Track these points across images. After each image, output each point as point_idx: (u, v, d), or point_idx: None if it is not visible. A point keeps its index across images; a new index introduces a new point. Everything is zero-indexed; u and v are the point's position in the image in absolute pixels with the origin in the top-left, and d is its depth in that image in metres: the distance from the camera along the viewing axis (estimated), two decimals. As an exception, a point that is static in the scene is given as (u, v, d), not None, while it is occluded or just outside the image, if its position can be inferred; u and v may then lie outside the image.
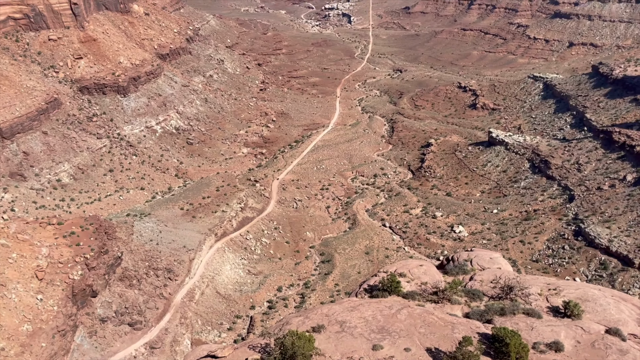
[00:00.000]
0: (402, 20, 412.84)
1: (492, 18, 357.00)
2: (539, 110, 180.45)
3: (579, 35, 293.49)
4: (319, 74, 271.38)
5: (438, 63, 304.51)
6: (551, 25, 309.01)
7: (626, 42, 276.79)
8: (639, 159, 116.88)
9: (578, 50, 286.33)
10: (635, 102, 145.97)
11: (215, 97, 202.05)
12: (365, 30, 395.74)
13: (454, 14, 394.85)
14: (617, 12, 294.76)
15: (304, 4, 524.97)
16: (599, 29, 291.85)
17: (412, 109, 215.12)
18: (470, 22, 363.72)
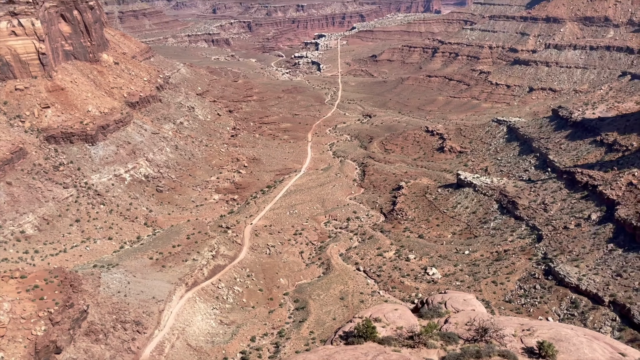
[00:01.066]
0: (369, 68, 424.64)
1: (455, 65, 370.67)
2: (504, 152, 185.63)
3: (538, 81, 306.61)
4: (290, 120, 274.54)
5: (406, 108, 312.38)
6: (511, 71, 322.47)
7: (583, 87, 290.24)
8: (601, 198, 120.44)
9: (538, 94, 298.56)
10: (595, 143, 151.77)
11: (185, 144, 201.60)
12: (335, 77, 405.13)
13: (419, 61, 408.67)
14: (572, 58, 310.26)
15: (274, 52, 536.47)
16: (557, 74, 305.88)
17: (382, 153, 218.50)
18: (435, 69, 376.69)
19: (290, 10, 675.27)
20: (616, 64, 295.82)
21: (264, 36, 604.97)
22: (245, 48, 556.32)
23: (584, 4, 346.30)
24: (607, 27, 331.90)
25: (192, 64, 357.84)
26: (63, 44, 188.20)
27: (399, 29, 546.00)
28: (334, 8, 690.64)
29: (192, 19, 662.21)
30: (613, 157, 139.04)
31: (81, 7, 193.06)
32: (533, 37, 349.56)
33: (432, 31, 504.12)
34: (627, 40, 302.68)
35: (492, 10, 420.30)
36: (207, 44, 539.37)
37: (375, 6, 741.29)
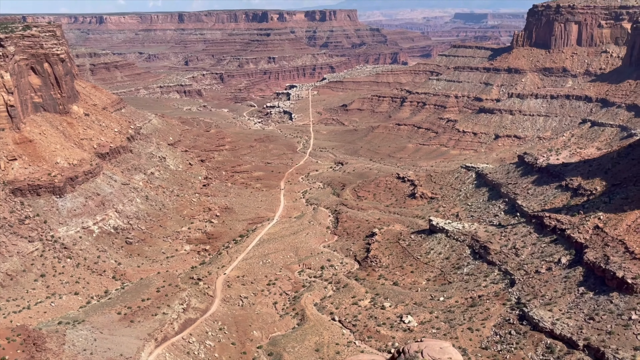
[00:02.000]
0: (340, 117, 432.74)
1: (423, 114, 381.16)
2: (474, 198, 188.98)
3: (503, 128, 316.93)
4: (262, 168, 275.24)
5: (377, 155, 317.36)
6: (477, 119, 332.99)
7: (546, 134, 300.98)
8: (570, 242, 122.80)
9: (504, 141, 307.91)
10: (561, 188, 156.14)
11: (156, 194, 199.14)
12: (306, 126, 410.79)
13: (388, 110, 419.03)
14: (535, 107, 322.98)
15: (246, 102, 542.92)
16: (521, 122, 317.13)
17: (355, 200, 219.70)
18: (404, 118, 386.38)
19: (261, 62, 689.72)
20: (576, 111, 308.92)
21: (236, 87, 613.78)
22: (218, 99, 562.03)
23: (543, 56, 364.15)
24: (565, 77, 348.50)
25: (164, 114, 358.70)
26: (32, 96, 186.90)
27: (368, 80, 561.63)
28: (304, 60, 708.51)
29: (165, 70, 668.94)
30: (578, 202, 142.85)
31: (52, 59, 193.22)
32: (496, 87, 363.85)
33: (400, 81, 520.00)
34: (585, 90, 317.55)
35: (456, 61, 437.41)
36: (179, 95, 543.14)
37: (345, 58, 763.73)
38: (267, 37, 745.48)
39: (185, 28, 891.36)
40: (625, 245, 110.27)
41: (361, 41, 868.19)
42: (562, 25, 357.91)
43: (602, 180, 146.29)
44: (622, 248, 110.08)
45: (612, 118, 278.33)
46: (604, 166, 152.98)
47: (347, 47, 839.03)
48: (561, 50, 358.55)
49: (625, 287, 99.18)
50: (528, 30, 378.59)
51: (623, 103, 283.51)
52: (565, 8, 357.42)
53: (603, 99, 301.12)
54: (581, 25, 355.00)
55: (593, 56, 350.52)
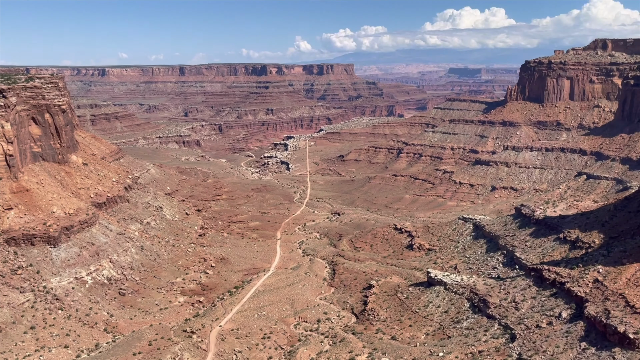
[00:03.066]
0: (337, 167, 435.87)
1: (420, 165, 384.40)
2: (472, 250, 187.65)
3: (499, 180, 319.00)
4: (259, 218, 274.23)
5: (373, 206, 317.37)
6: (474, 171, 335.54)
7: (542, 186, 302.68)
8: (570, 295, 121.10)
9: (500, 193, 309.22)
10: (559, 240, 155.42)
11: (152, 244, 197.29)
12: (303, 176, 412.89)
13: (385, 161, 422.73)
14: (530, 159, 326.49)
15: (244, 152, 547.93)
16: (517, 174, 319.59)
17: (352, 251, 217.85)
18: (400, 169, 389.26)
19: (260, 113, 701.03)
20: (571, 164, 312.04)
21: (235, 137, 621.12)
22: (216, 149, 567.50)
23: (537, 110, 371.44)
24: (559, 130, 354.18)
25: (162, 164, 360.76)
26: (32, 145, 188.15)
27: (365, 131, 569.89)
28: (302, 112, 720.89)
29: (164, 121, 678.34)
30: (577, 254, 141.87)
31: (53, 110, 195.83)
32: (492, 139, 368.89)
33: (396, 133, 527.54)
34: (579, 143, 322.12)
35: (451, 114, 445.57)
36: (177, 145, 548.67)
37: (342, 110, 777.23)
38: (266, 90, 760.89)
39: (186, 80, 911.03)
40: (625, 299, 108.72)
41: (358, 94, 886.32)
42: (554, 81, 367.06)
43: (599, 233, 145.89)
44: (622, 302, 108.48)
45: (607, 171, 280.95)
46: (601, 219, 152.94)
47: (344, 100, 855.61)
48: (554, 105, 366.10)
49: (627, 342, 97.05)
50: (521, 85, 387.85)
51: (617, 156, 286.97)
52: (556, 64, 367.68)
53: (597, 152, 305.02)
54: (573, 80, 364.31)
55: (586, 110, 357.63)
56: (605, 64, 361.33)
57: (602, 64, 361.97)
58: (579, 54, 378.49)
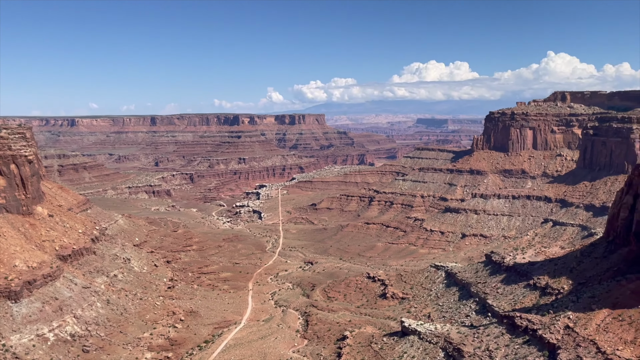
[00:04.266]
0: (310, 216, 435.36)
1: (391, 213, 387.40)
2: (445, 297, 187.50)
3: (469, 227, 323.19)
4: (230, 269, 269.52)
5: (346, 255, 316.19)
6: (444, 218, 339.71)
7: (511, 233, 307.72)
8: (542, 342, 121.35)
9: (471, 240, 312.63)
10: (529, 287, 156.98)
11: (118, 297, 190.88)
12: (276, 225, 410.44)
13: (357, 209, 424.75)
14: (498, 206, 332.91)
15: (216, 202, 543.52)
16: (486, 221, 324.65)
17: (325, 301, 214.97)
18: (372, 217, 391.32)
19: (232, 162, 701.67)
20: (537, 211, 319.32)
21: (206, 187, 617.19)
22: (187, 198, 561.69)
23: (502, 159, 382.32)
24: (525, 178, 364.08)
25: (131, 214, 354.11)
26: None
27: (337, 180, 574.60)
28: (274, 161, 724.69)
29: (134, 171, 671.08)
30: (547, 301, 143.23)
31: (19, 161, 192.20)
32: (460, 187, 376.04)
33: (367, 181, 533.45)
34: (544, 190, 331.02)
35: (420, 163, 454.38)
36: (147, 195, 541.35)
37: (314, 159, 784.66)
38: (238, 139, 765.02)
39: (157, 130, 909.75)
40: (596, 345, 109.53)
41: (329, 143, 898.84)
42: (517, 131, 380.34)
43: (568, 278, 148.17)
44: (594, 348, 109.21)
45: (572, 218, 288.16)
46: (569, 265, 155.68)
47: (316, 149, 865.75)
48: (519, 154, 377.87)
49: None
50: (487, 135, 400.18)
51: (581, 203, 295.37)
52: (519, 115, 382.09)
53: (562, 199, 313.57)
54: (535, 130, 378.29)
55: (549, 159, 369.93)
56: (565, 115, 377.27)
57: (562, 115, 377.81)
58: (540, 105, 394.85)
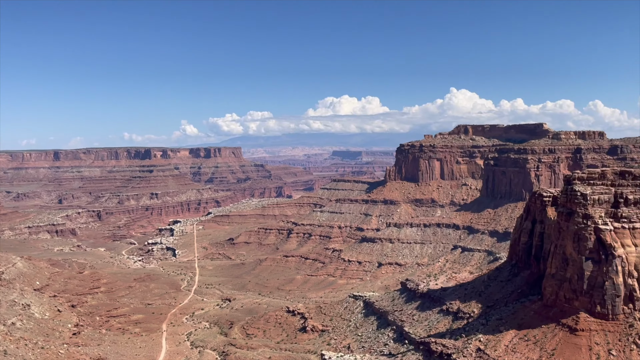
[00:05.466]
0: (227, 251, 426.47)
1: (310, 245, 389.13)
2: (364, 327, 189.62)
3: (385, 256, 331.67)
4: (142, 311, 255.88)
5: (265, 289, 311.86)
6: (361, 248, 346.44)
7: (423, 260, 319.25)
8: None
9: (387, 269, 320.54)
10: (442, 312, 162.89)
11: (17, 347, 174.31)
12: (191, 262, 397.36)
13: (275, 242, 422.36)
14: (411, 235, 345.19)
15: (125, 240, 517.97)
16: (400, 250, 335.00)
17: (244, 339, 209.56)
18: (291, 249, 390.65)
19: (143, 198, 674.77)
20: (447, 238, 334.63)
21: (115, 224, 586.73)
22: (94, 237, 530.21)
23: (413, 189, 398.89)
24: (434, 207, 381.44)
25: (30, 256, 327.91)
26: None
27: (255, 213, 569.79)
28: (189, 195, 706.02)
29: (35, 210, 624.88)
30: (460, 325, 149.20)
31: None
32: (375, 217, 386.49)
33: (285, 214, 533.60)
34: (452, 218, 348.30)
35: (337, 194, 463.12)
36: (50, 235, 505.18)
37: (230, 192, 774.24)
38: (150, 174, 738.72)
39: (61, 166, 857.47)
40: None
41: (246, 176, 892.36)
42: (426, 162, 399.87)
43: (477, 302, 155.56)
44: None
45: (479, 243, 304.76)
46: (478, 289, 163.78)
47: (233, 182, 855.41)
48: (428, 184, 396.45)
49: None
50: (398, 166, 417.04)
51: (486, 230, 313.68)
52: (427, 147, 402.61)
53: (469, 226, 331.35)
54: (442, 161, 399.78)
55: (455, 188, 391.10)
56: (469, 147, 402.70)
57: (465, 147, 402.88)
58: (446, 138, 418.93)
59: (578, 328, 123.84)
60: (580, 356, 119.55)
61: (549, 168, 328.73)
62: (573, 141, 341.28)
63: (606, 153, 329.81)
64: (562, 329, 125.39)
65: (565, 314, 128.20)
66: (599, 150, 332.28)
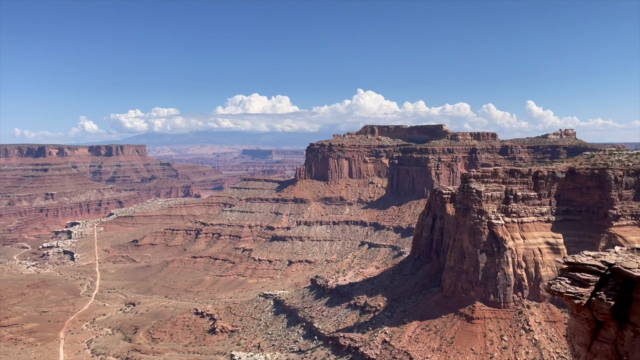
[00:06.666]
0: (131, 253, 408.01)
1: (219, 245, 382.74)
2: (274, 325, 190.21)
3: (295, 254, 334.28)
4: (36, 319, 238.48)
5: (172, 292, 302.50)
6: (271, 247, 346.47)
7: (332, 257, 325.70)
8: (364, 358, 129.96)
9: (297, 267, 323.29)
10: (350, 307, 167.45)
11: None
12: (92, 265, 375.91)
13: (183, 243, 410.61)
14: (321, 232, 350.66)
15: (17, 244, 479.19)
16: (310, 247, 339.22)
17: (149, 343, 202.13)
18: (199, 250, 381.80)
19: (37, 198, 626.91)
20: (355, 235, 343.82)
21: (5, 227, 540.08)
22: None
23: (323, 187, 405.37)
24: (343, 205, 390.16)
25: None
26: None
27: (161, 213, 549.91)
28: (88, 195, 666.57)
29: None
30: (367, 318, 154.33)
31: None
32: (286, 216, 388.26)
33: (193, 214, 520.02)
34: (360, 215, 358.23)
35: (247, 193, 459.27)
36: None
37: (134, 192, 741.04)
38: (45, 173, 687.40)
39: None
40: (409, 355, 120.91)
41: (151, 175, 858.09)
42: (335, 161, 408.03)
43: (383, 296, 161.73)
44: (407, 359, 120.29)
45: (384, 239, 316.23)
46: (384, 283, 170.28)
47: (137, 182, 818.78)
48: (337, 182, 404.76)
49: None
50: (308, 165, 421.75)
51: (391, 226, 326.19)
52: (336, 147, 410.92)
53: (375, 223, 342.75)
54: (350, 160, 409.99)
55: (363, 187, 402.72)
56: (375, 147, 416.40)
57: (372, 147, 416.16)
58: (354, 137, 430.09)
59: (474, 317, 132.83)
60: (476, 342, 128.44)
61: (448, 167, 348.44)
62: (469, 142, 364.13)
63: (498, 153, 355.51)
64: (460, 318, 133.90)
65: (462, 304, 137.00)
66: (492, 150, 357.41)
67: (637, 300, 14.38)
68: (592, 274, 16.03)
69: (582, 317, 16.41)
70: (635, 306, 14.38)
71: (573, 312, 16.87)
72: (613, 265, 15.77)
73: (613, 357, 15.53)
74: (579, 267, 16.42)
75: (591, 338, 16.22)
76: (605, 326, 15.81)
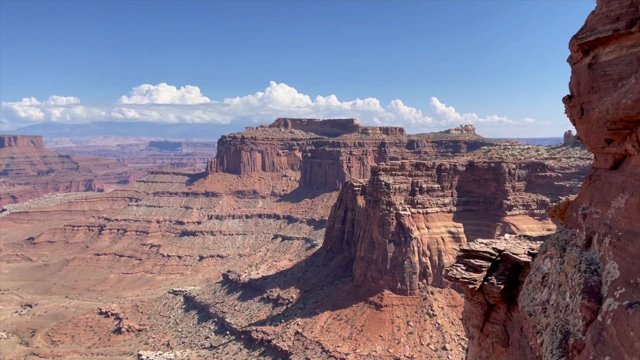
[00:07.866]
0: (26, 252, 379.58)
1: (125, 241, 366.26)
2: (184, 322, 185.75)
3: (206, 249, 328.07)
4: None
5: (74, 291, 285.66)
6: (181, 242, 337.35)
7: (245, 251, 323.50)
8: (277, 351, 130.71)
9: (208, 262, 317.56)
10: (263, 300, 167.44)
11: None
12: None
13: (85, 240, 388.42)
14: (233, 226, 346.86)
15: None
16: (222, 242, 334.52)
17: (49, 347, 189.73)
18: (103, 247, 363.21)
19: None
20: (268, 228, 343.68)
21: None
22: None
23: (235, 180, 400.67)
24: (256, 198, 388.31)
25: None
26: None
27: (60, 209, 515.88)
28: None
29: None
30: (280, 311, 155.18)
31: None
32: (197, 210, 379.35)
33: (96, 209, 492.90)
34: (273, 209, 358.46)
35: (155, 187, 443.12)
36: None
37: (30, 186, 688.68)
38: None
39: None
40: (321, 345, 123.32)
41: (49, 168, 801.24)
42: (248, 154, 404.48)
43: (296, 288, 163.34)
44: (319, 349, 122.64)
45: (298, 232, 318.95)
46: (296, 275, 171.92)
47: (33, 175, 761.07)
48: (250, 175, 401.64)
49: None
50: (220, 158, 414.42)
51: (304, 218, 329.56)
52: (249, 139, 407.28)
53: (289, 215, 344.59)
54: (264, 153, 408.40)
55: (276, 180, 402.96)
56: (288, 140, 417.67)
57: (285, 140, 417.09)
58: (267, 130, 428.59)
59: (382, 304, 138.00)
60: (384, 329, 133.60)
61: (358, 160, 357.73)
62: (379, 136, 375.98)
63: (405, 147, 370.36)
64: (369, 306, 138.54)
65: (372, 293, 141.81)
66: (400, 144, 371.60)
67: (522, 284, 15.70)
68: (484, 260, 17.27)
69: (476, 301, 17.65)
70: (521, 289, 15.69)
71: (468, 297, 18.08)
72: (503, 251, 17.09)
73: (502, 336, 16.86)
74: (472, 254, 17.63)
75: (484, 320, 17.49)
76: (495, 308, 17.12)
